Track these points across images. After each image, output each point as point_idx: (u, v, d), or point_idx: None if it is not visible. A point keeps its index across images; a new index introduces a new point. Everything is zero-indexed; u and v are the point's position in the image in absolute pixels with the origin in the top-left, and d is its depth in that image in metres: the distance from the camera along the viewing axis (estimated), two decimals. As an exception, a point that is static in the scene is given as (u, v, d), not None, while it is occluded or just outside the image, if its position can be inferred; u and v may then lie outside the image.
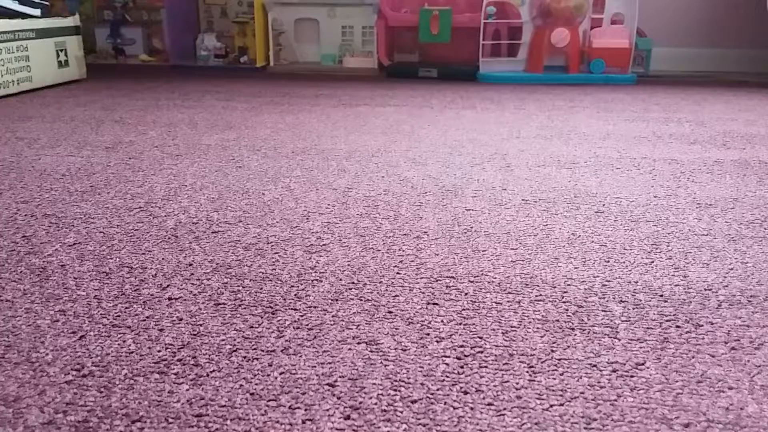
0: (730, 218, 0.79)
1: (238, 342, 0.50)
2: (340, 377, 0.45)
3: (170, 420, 0.41)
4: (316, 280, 0.61)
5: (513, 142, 1.21)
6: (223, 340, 0.50)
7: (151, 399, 0.43)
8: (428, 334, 0.51)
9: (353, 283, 0.60)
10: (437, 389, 0.44)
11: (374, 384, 0.45)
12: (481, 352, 0.49)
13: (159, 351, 0.48)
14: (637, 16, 2.07)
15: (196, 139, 1.20)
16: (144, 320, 0.53)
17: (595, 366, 0.47)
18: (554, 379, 0.45)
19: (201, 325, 0.52)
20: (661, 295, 0.58)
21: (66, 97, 1.68)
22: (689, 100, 1.75)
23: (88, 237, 0.71)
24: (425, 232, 0.73)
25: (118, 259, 0.65)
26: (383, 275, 0.62)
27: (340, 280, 0.61)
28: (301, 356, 0.48)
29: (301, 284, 0.60)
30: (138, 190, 0.88)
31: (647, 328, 0.53)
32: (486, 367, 0.47)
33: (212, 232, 0.72)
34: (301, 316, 0.54)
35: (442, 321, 0.53)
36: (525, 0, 2.09)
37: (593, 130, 1.32)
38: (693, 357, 0.48)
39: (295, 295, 0.58)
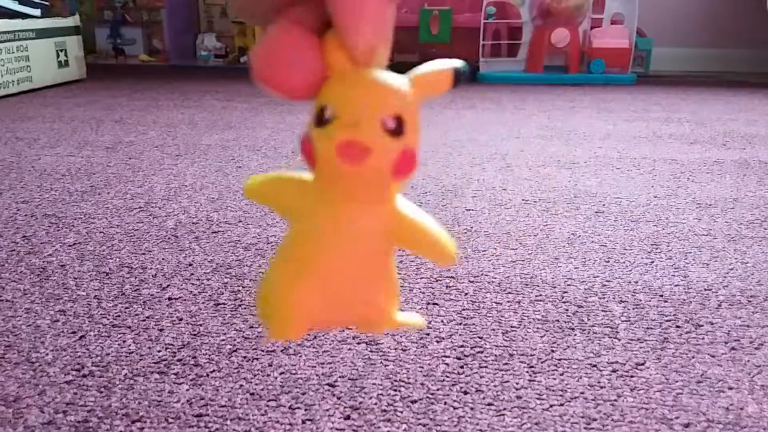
0: (730, 218, 0.79)
1: (238, 342, 0.50)
2: (340, 377, 0.45)
3: (170, 420, 0.41)
4: (316, 280, 0.61)
5: (513, 142, 1.21)
6: (223, 340, 0.50)
7: (151, 399, 0.43)
8: (428, 334, 0.51)
9: (353, 283, 0.60)
10: (437, 389, 0.44)
11: (374, 384, 0.45)
12: (481, 352, 0.49)
13: (159, 351, 0.48)
14: (637, 16, 2.07)
15: (196, 139, 1.20)
16: (144, 320, 0.53)
17: (595, 366, 0.47)
18: (554, 379, 0.45)
19: (201, 325, 0.52)
20: (661, 295, 0.58)
21: (66, 97, 1.68)
22: (689, 100, 1.75)
23: (88, 237, 0.71)
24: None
25: (118, 259, 0.65)
26: (383, 275, 0.62)
27: (340, 280, 0.61)
28: (301, 356, 0.48)
29: (301, 284, 0.60)
30: (138, 190, 0.88)
31: (647, 328, 0.53)
32: (486, 367, 0.47)
33: (212, 232, 0.72)
34: (301, 316, 0.54)
35: (442, 321, 0.53)
36: (525, 0, 2.09)
37: (593, 130, 1.32)
38: (693, 357, 0.48)
39: (295, 295, 0.58)
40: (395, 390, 0.44)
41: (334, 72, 0.29)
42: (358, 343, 0.50)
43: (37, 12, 1.77)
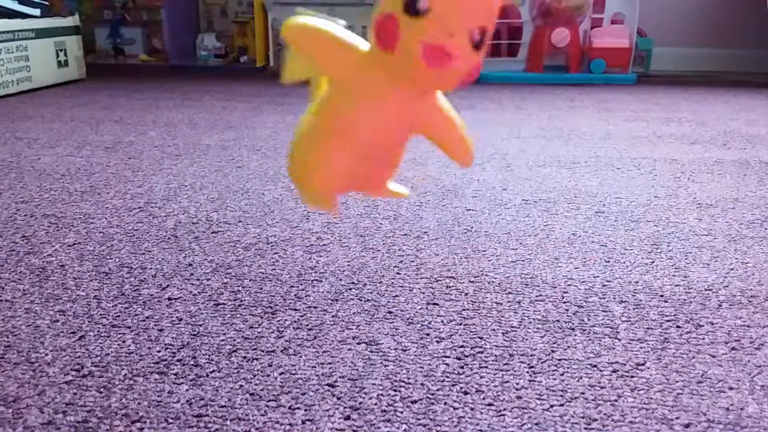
0: (730, 218, 0.79)
1: (238, 342, 0.50)
2: (340, 377, 0.45)
3: (170, 420, 0.41)
4: (316, 280, 0.61)
5: (513, 142, 1.21)
6: (223, 340, 0.50)
7: (151, 399, 0.43)
8: (428, 335, 0.51)
9: (353, 283, 0.60)
10: (437, 389, 0.44)
11: (374, 384, 0.45)
12: (481, 353, 0.49)
13: (159, 351, 0.48)
14: (637, 16, 2.07)
15: (196, 139, 1.20)
16: (144, 320, 0.53)
17: (595, 366, 0.47)
18: (554, 379, 0.45)
19: (201, 325, 0.52)
20: (662, 296, 0.58)
21: (65, 97, 1.68)
22: (689, 100, 1.75)
23: (87, 237, 0.71)
24: (425, 232, 0.73)
25: (117, 259, 0.65)
26: (383, 275, 0.62)
27: (340, 280, 0.61)
28: (301, 356, 0.48)
29: (301, 284, 0.60)
30: (138, 190, 0.88)
31: (647, 328, 0.52)
32: (486, 367, 0.47)
33: (212, 232, 0.72)
34: (301, 316, 0.54)
35: (442, 321, 0.53)
36: (525, 0, 2.08)
37: (593, 130, 1.32)
38: (693, 357, 0.48)
39: (295, 295, 0.58)
40: (395, 390, 0.44)
41: None
42: (358, 344, 0.50)
43: (37, 12, 1.77)
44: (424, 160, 1.05)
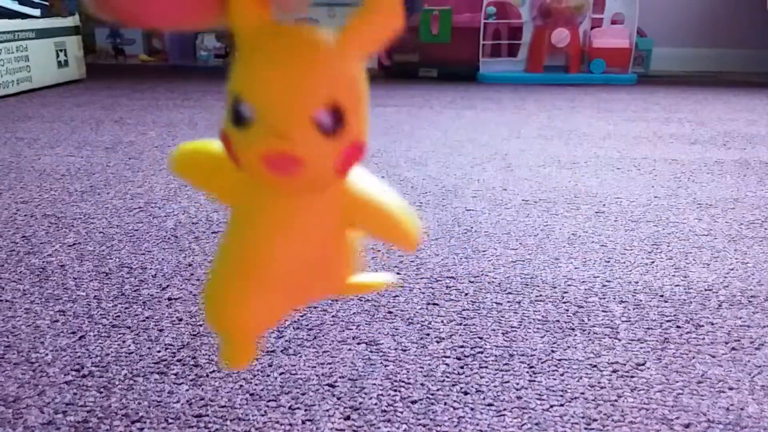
0: (730, 218, 0.79)
1: (238, 342, 0.50)
2: (340, 377, 0.45)
3: (170, 420, 0.41)
4: (316, 280, 0.61)
5: (513, 142, 1.21)
6: (223, 340, 0.50)
7: (151, 399, 0.43)
8: (428, 335, 0.51)
9: (353, 283, 0.60)
10: (437, 389, 0.44)
11: (374, 384, 0.45)
12: (481, 353, 0.49)
13: (159, 351, 0.48)
14: (637, 16, 2.07)
15: (196, 139, 1.20)
16: (144, 320, 0.53)
17: (595, 366, 0.47)
18: (554, 379, 0.45)
19: (201, 325, 0.52)
20: (662, 296, 0.58)
21: (65, 97, 1.68)
22: (689, 100, 1.75)
23: (87, 237, 0.71)
24: (425, 232, 0.73)
25: (117, 260, 0.65)
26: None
27: (340, 280, 0.61)
28: (301, 356, 0.48)
29: (301, 284, 0.60)
30: (138, 190, 0.88)
31: (647, 328, 0.52)
32: (486, 367, 0.47)
33: (212, 232, 0.72)
34: (301, 316, 0.54)
35: (442, 321, 0.53)
36: (525, 0, 2.09)
37: (593, 130, 1.32)
38: (693, 357, 0.48)
39: (295, 295, 0.58)
40: (395, 390, 0.44)
41: (241, 30, 0.22)
42: (358, 344, 0.50)
43: (37, 12, 1.77)
44: (423, 161, 1.05)
